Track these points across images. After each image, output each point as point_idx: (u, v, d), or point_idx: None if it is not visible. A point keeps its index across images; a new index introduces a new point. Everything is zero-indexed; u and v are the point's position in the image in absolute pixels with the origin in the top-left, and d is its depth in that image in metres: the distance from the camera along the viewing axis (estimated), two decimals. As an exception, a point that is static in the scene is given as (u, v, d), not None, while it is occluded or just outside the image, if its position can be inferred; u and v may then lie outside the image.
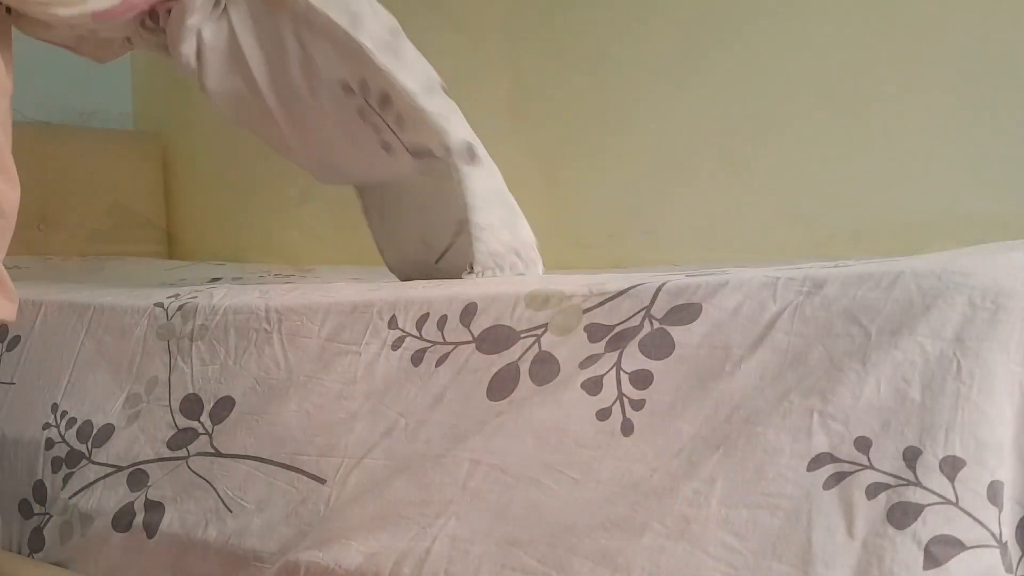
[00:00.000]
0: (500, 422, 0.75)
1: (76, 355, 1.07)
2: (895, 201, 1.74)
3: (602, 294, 0.77)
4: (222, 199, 2.34)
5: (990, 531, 0.57)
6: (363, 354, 0.87)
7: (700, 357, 0.70)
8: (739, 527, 0.63)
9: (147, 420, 0.96)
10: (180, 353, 0.98)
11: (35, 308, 1.15)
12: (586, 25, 2.13)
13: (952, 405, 0.60)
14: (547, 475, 0.72)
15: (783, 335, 0.68)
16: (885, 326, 0.64)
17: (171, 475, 0.92)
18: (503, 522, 0.72)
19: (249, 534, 0.84)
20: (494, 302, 0.82)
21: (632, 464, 0.69)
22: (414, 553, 0.74)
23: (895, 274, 0.66)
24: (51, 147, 2.21)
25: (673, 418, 0.69)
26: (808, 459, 0.63)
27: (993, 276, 0.63)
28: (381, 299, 0.89)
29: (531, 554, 0.69)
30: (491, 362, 0.79)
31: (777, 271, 0.72)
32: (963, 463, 0.59)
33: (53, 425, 1.03)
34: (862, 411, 0.62)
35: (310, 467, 0.84)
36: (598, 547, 0.67)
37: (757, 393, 0.67)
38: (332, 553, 0.77)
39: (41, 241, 2.26)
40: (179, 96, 2.40)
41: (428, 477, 0.76)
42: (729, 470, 0.65)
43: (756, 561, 0.61)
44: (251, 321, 0.95)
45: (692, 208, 1.97)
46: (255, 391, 0.91)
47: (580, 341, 0.76)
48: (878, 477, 0.60)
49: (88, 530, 0.95)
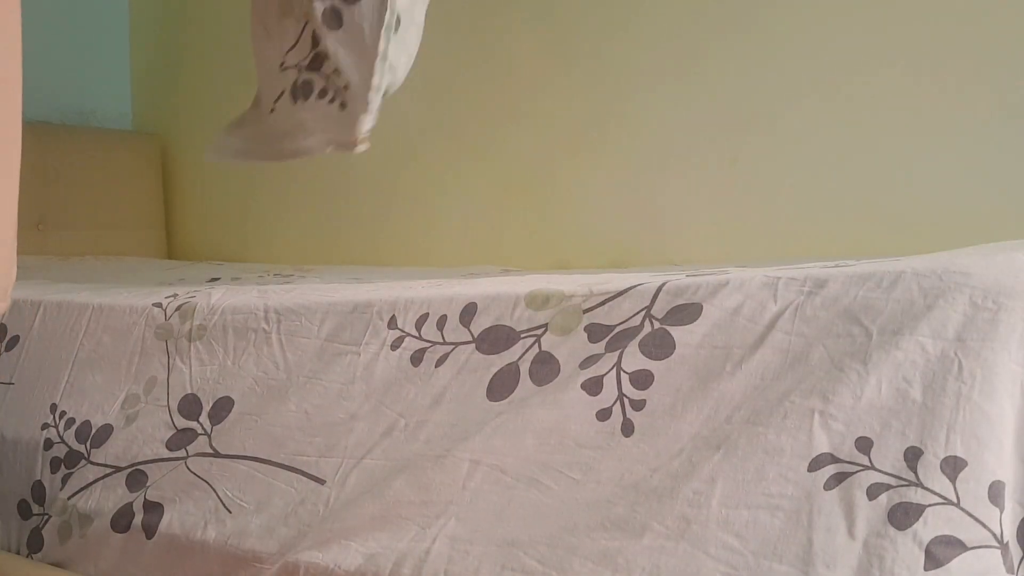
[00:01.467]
0: (500, 422, 0.75)
1: (75, 355, 1.07)
2: (895, 201, 1.74)
3: (602, 294, 0.77)
4: (221, 199, 2.34)
5: (991, 531, 0.57)
6: (362, 354, 0.86)
7: (701, 357, 0.70)
8: (739, 527, 0.63)
9: (146, 420, 0.96)
10: (179, 353, 0.98)
11: (34, 308, 1.15)
12: (584, 23, 2.12)
13: (953, 405, 0.60)
14: (547, 475, 0.72)
15: (784, 335, 0.68)
16: (886, 326, 0.64)
17: (170, 476, 0.91)
18: (503, 522, 0.71)
19: (248, 535, 0.84)
20: (494, 302, 0.82)
21: (632, 464, 0.69)
22: (414, 554, 0.73)
23: (896, 274, 0.66)
24: (51, 147, 2.21)
25: (673, 418, 0.69)
26: (809, 459, 0.62)
27: (994, 276, 0.63)
28: (381, 299, 0.89)
29: (531, 554, 0.69)
30: (491, 362, 0.79)
31: (778, 271, 0.72)
32: (964, 463, 0.58)
33: (52, 425, 1.03)
34: (863, 411, 0.62)
35: (309, 467, 0.84)
36: (598, 547, 0.66)
37: (758, 393, 0.67)
38: (331, 554, 0.77)
39: (40, 241, 2.25)
40: (178, 96, 2.40)
41: (428, 477, 0.76)
42: (730, 470, 0.64)
43: (756, 561, 0.61)
44: (250, 321, 0.95)
45: (692, 208, 1.97)
46: (254, 391, 0.91)
47: (580, 341, 0.76)
48: (879, 477, 0.60)
49: (87, 531, 0.95)
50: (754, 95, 1.89)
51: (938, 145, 1.69)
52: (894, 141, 1.74)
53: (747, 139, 1.90)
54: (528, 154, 1.97)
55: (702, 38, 1.95)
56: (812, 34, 1.81)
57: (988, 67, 1.64)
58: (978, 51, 1.65)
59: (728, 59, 1.91)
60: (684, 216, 1.94)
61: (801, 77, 1.83)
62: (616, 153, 2.08)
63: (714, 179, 1.94)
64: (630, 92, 2.04)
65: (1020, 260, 0.64)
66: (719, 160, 1.94)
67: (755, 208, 1.89)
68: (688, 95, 1.97)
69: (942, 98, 1.68)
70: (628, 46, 2.04)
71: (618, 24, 2.05)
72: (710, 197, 1.94)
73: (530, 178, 1.96)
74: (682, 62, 1.97)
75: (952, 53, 1.67)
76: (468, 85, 2.33)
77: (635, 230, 1.88)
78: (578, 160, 2.08)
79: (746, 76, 1.90)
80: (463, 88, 2.38)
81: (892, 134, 1.74)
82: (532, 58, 2.18)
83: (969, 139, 1.66)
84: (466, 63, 2.29)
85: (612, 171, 2.06)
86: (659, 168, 2.01)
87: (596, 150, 2.09)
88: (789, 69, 1.84)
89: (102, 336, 1.06)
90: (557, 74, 2.14)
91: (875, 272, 0.67)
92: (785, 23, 1.84)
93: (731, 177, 1.93)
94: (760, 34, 1.88)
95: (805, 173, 1.84)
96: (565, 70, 2.13)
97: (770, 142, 1.87)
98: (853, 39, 1.77)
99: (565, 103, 2.13)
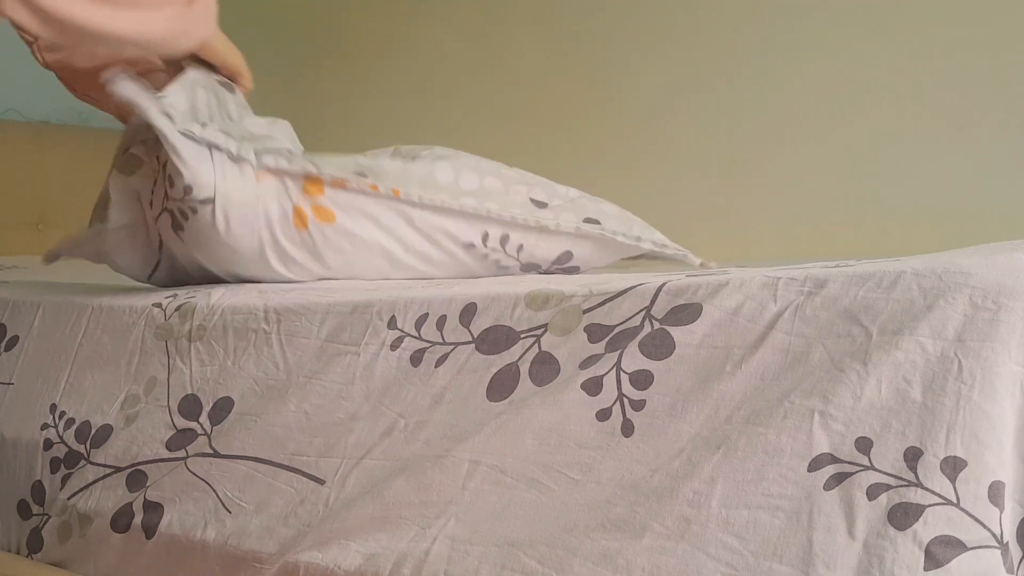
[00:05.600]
0: (500, 422, 0.75)
1: (74, 355, 1.07)
2: (896, 201, 1.74)
3: (602, 294, 0.77)
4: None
5: (991, 532, 0.57)
6: (362, 354, 0.86)
7: (700, 357, 0.70)
8: (739, 528, 0.63)
9: (145, 421, 0.96)
10: (179, 353, 0.98)
11: (33, 308, 1.15)
12: (587, 28, 2.12)
13: (953, 405, 0.60)
14: (547, 476, 0.72)
15: (784, 335, 0.68)
16: (886, 326, 0.64)
17: (170, 476, 0.91)
18: (503, 523, 0.71)
19: (248, 535, 0.84)
20: (494, 302, 0.82)
21: (632, 465, 0.69)
22: (413, 554, 0.73)
23: (896, 274, 0.66)
24: (51, 147, 2.21)
25: (673, 419, 0.69)
26: (809, 460, 0.62)
27: (994, 276, 0.63)
28: (380, 299, 0.89)
29: (531, 555, 0.69)
30: (491, 362, 0.79)
31: (778, 271, 0.72)
32: (964, 463, 0.58)
33: (51, 426, 1.03)
34: (863, 411, 0.62)
35: (309, 468, 0.84)
36: (598, 548, 0.66)
37: (758, 393, 0.67)
38: (331, 554, 0.77)
39: (41, 241, 2.25)
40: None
41: (427, 478, 0.76)
42: (730, 471, 0.64)
43: (757, 562, 0.61)
44: (249, 321, 0.95)
45: (692, 208, 1.97)
46: (254, 392, 0.91)
47: (580, 341, 0.76)
48: (879, 478, 0.60)
49: (87, 531, 0.95)
50: (755, 95, 1.89)
51: (938, 145, 1.69)
52: (894, 142, 1.74)
53: (748, 141, 1.90)
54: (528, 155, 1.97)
55: (704, 39, 1.95)
56: (813, 36, 1.81)
57: (988, 68, 1.64)
58: (978, 52, 1.65)
59: (730, 60, 1.92)
60: (684, 216, 1.94)
61: (802, 78, 1.83)
62: (616, 154, 2.08)
63: (714, 179, 1.95)
64: (630, 94, 2.05)
65: (1020, 260, 0.64)
66: (719, 160, 1.94)
67: (755, 208, 1.89)
68: (688, 96, 1.97)
69: (942, 99, 1.69)
70: (629, 48, 2.04)
71: (620, 27, 2.05)
72: (710, 197, 1.94)
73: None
74: (684, 64, 1.97)
75: (952, 55, 1.67)
76: (469, 86, 2.33)
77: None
78: (578, 161, 2.08)
79: (747, 77, 1.90)
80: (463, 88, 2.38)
81: (892, 135, 1.74)
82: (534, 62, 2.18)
83: (969, 140, 1.66)
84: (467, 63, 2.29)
85: (612, 172, 2.06)
86: (659, 168, 2.01)
87: (596, 151, 2.10)
88: (790, 70, 1.84)
89: (102, 336, 1.06)
90: (558, 77, 2.15)
91: (875, 272, 0.67)
92: (788, 26, 1.84)
93: (731, 177, 1.93)
94: (762, 35, 1.88)
95: (805, 173, 1.84)
96: (566, 73, 2.14)
97: (771, 144, 1.88)
98: (855, 42, 1.77)
99: (565, 105, 2.14)
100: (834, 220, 1.79)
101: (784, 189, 1.86)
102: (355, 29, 2.46)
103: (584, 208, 1.10)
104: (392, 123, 2.41)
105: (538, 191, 1.09)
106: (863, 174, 1.77)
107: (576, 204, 1.10)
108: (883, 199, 1.75)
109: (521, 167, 1.16)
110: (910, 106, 1.71)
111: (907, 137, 1.72)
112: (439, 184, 1.03)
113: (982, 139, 1.65)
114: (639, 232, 1.12)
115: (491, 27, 2.23)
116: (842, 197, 1.80)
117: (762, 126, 1.89)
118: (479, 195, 1.04)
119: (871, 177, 1.76)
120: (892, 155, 1.74)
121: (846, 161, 1.79)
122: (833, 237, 1.77)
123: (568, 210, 1.09)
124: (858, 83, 1.76)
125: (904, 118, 1.72)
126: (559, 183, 1.15)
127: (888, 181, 1.74)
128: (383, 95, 2.42)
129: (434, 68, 2.33)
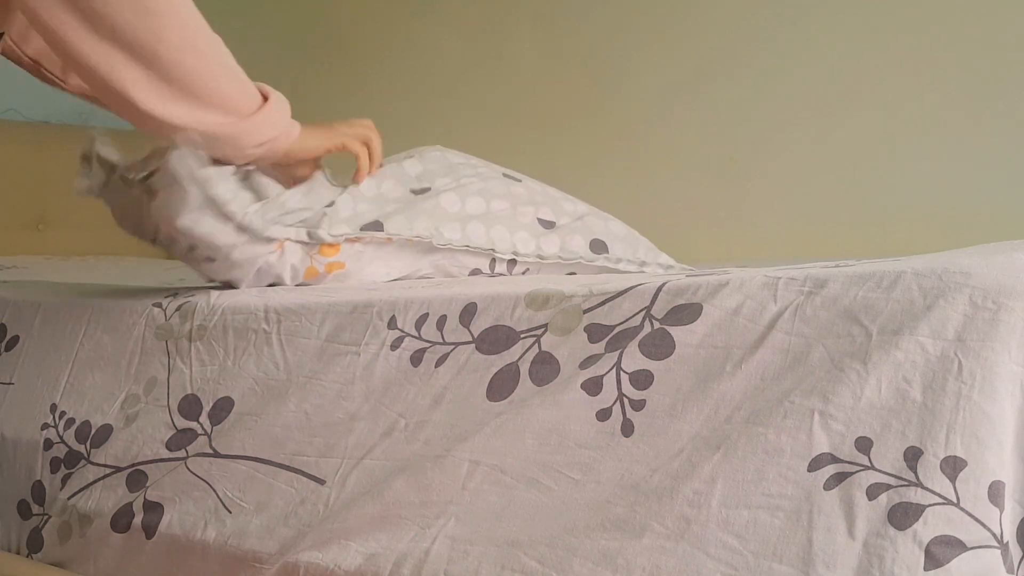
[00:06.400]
0: (500, 422, 0.75)
1: (74, 355, 1.07)
2: (895, 201, 1.74)
3: (602, 294, 0.77)
4: (221, 199, 2.34)
5: (991, 531, 0.57)
6: (362, 354, 0.86)
7: (700, 357, 0.70)
8: (739, 528, 0.63)
9: (146, 421, 0.96)
10: (179, 353, 0.98)
11: (34, 308, 1.15)
12: (587, 28, 2.12)
13: (953, 405, 0.60)
14: (547, 476, 0.72)
15: (784, 335, 0.68)
16: (886, 326, 0.64)
17: (170, 476, 0.91)
18: (503, 523, 0.71)
19: (248, 535, 0.84)
20: (494, 302, 0.82)
21: (632, 464, 0.69)
22: (413, 554, 0.74)
23: (896, 274, 0.66)
24: (51, 147, 2.21)
25: (673, 418, 0.69)
26: (809, 459, 0.62)
27: (994, 276, 0.63)
28: (380, 299, 0.89)
29: (531, 555, 0.69)
30: (491, 362, 0.79)
31: (778, 271, 0.72)
32: (964, 463, 0.58)
33: (52, 426, 1.03)
34: (863, 411, 0.62)
35: (309, 468, 0.84)
36: (598, 548, 0.66)
37: (758, 393, 0.67)
38: (331, 554, 0.77)
39: (41, 241, 2.25)
40: (178, 96, 2.40)
41: (428, 478, 0.76)
42: (729, 471, 0.64)
43: (757, 562, 0.61)
44: (250, 321, 0.95)
45: (692, 208, 1.97)
46: (254, 392, 0.91)
47: (580, 341, 0.76)
48: (879, 477, 0.60)
49: (87, 531, 0.95)
50: (755, 96, 1.89)
51: (938, 145, 1.69)
52: (894, 142, 1.74)
53: (748, 140, 1.90)
54: (528, 155, 1.97)
55: (703, 39, 1.95)
56: (812, 37, 1.81)
57: (987, 69, 1.64)
58: (978, 53, 1.65)
59: (729, 60, 1.92)
60: (684, 216, 1.94)
61: (802, 78, 1.83)
62: (616, 154, 2.08)
63: (714, 179, 1.95)
64: (630, 94, 2.05)
65: (1020, 260, 0.64)
66: (719, 160, 1.94)
67: (755, 208, 1.89)
68: (688, 96, 1.97)
69: (942, 99, 1.69)
70: (629, 48, 2.04)
71: (620, 27, 2.05)
72: (710, 197, 1.94)
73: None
74: (683, 64, 1.97)
75: (951, 55, 1.67)
76: (469, 86, 2.33)
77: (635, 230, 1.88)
78: (577, 161, 2.08)
79: (747, 77, 1.90)
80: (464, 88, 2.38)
81: (892, 135, 1.74)
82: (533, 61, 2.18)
83: (969, 140, 1.66)
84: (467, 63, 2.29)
85: (612, 171, 2.06)
86: (659, 169, 2.01)
87: (596, 152, 2.09)
88: (790, 70, 1.84)
89: (102, 336, 1.06)
90: (558, 77, 2.15)
91: (875, 272, 0.67)
92: (787, 26, 1.84)
93: (731, 177, 1.93)
94: (762, 35, 1.88)
95: (805, 174, 1.84)
96: (566, 72, 2.14)
97: (771, 144, 1.88)
98: (853, 42, 1.77)
99: (565, 105, 2.14)
100: (834, 220, 1.79)
101: (784, 189, 1.86)
102: (355, 29, 2.46)
103: (591, 229, 1.10)
104: (392, 123, 2.40)
105: (545, 210, 1.09)
106: (863, 174, 1.77)
107: (584, 224, 1.10)
108: (883, 199, 1.75)
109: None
110: (910, 106, 1.71)
111: (907, 137, 1.72)
112: (448, 214, 1.04)
113: (982, 139, 1.65)
114: (644, 256, 1.11)
115: (491, 27, 2.23)
116: (842, 197, 1.79)
117: (762, 126, 1.89)
118: (486, 220, 1.05)
119: (871, 177, 1.76)
120: (892, 155, 1.74)
121: (846, 161, 1.79)
122: (833, 237, 1.77)
123: (575, 231, 1.09)
124: (858, 83, 1.76)
125: (904, 118, 1.72)
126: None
127: (888, 181, 1.74)
128: (383, 95, 2.42)
129: (434, 68, 2.33)
